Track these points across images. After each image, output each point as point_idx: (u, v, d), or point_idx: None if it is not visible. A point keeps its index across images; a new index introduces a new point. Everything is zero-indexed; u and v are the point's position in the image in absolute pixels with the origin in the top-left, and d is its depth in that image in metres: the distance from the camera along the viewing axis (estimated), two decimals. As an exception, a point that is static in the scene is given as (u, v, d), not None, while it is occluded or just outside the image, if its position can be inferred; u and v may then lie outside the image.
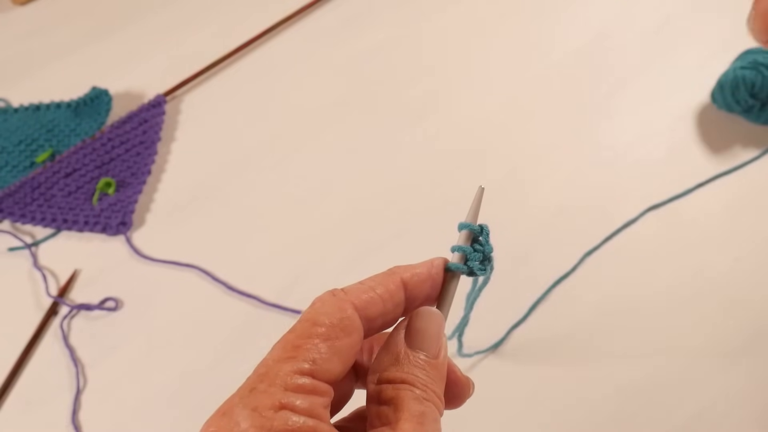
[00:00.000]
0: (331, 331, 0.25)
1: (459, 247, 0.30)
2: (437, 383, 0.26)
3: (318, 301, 0.26)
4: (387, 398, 0.25)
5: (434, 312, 0.28)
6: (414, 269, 0.28)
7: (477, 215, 0.31)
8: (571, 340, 0.54)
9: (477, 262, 0.30)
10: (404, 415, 0.24)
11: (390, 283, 0.27)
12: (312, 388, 0.23)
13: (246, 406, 0.23)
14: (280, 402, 0.23)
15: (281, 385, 0.23)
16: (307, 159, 0.70)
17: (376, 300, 0.27)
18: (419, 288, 0.28)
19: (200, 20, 0.85)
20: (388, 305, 0.27)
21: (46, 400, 0.57)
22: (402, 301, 0.28)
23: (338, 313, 0.25)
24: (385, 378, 0.26)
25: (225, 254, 0.64)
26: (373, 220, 0.64)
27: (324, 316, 0.25)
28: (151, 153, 0.72)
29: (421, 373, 0.26)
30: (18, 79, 0.82)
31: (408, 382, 0.25)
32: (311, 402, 0.23)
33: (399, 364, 0.26)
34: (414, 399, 0.25)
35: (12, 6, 0.91)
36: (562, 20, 0.79)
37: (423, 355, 0.26)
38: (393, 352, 0.26)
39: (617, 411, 0.51)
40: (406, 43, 0.79)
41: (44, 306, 0.62)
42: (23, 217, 0.68)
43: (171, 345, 0.59)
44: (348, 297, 0.26)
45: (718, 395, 0.50)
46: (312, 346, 0.24)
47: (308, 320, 0.25)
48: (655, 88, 0.70)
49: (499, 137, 0.68)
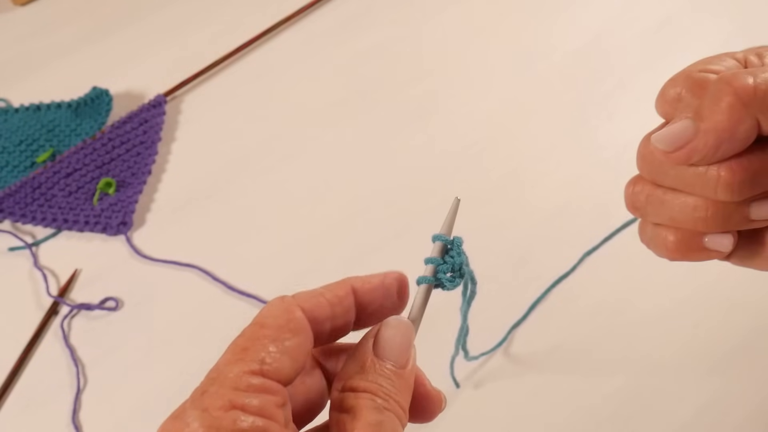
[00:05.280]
0: (279, 332, 0.25)
1: (429, 259, 0.31)
2: (402, 394, 0.26)
3: (266, 307, 0.26)
4: (347, 406, 0.25)
5: (403, 322, 0.28)
6: (367, 278, 0.29)
7: (452, 227, 0.32)
8: (571, 340, 0.54)
9: (447, 274, 0.30)
10: (360, 423, 0.24)
11: (339, 289, 0.28)
12: (263, 387, 0.24)
13: (196, 408, 0.23)
14: (230, 402, 0.23)
15: (231, 386, 0.23)
16: (307, 159, 0.70)
17: (324, 303, 0.27)
18: (370, 295, 0.28)
19: (200, 20, 0.85)
20: (336, 309, 0.27)
21: (46, 400, 0.57)
22: (351, 306, 0.28)
23: (285, 314, 0.26)
24: (349, 386, 0.26)
25: (225, 254, 0.64)
26: (372, 220, 0.64)
27: (271, 319, 0.26)
28: (151, 153, 0.72)
29: (385, 383, 0.26)
30: (18, 79, 0.82)
31: (370, 391, 0.25)
32: (262, 401, 0.23)
33: (364, 372, 0.26)
34: (373, 408, 0.25)
35: (12, 6, 0.91)
36: (561, 20, 0.79)
37: (390, 365, 0.26)
38: (360, 360, 0.27)
39: (617, 411, 0.51)
40: (406, 43, 0.79)
41: (44, 306, 0.62)
42: (24, 217, 0.68)
43: (171, 345, 0.59)
44: (295, 300, 0.27)
45: (719, 395, 0.50)
46: (260, 346, 0.24)
47: (256, 323, 0.26)
48: (655, 88, 0.69)
49: (499, 137, 0.68)
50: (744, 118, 0.27)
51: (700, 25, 0.74)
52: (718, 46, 0.70)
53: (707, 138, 0.28)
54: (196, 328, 0.60)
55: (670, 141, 0.29)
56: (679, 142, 0.28)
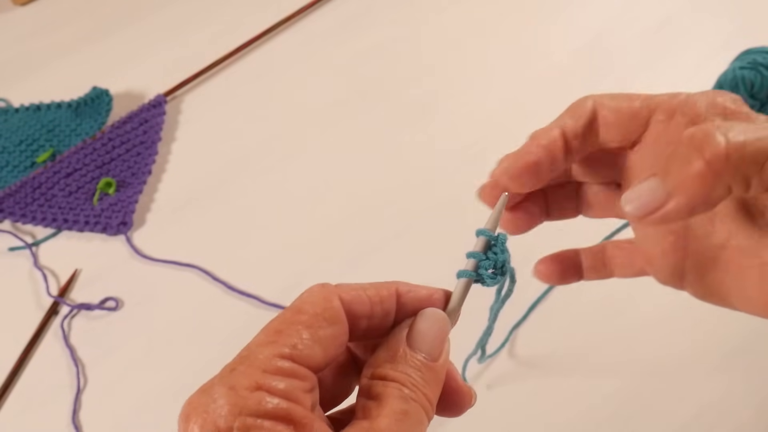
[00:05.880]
0: (314, 319, 0.25)
1: (471, 254, 0.30)
2: (431, 387, 0.26)
3: (306, 292, 0.26)
4: (375, 394, 0.25)
5: (440, 315, 0.28)
6: (415, 287, 0.28)
7: (497, 222, 0.31)
8: (571, 340, 0.54)
9: (488, 271, 0.30)
10: (385, 411, 0.24)
11: (383, 289, 0.28)
12: (291, 372, 0.24)
13: (224, 385, 0.23)
14: (257, 383, 0.23)
15: (260, 367, 0.23)
16: (307, 159, 0.70)
17: (364, 299, 0.27)
18: (413, 305, 0.28)
19: (200, 20, 0.85)
20: (376, 308, 0.27)
21: (46, 400, 0.57)
22: (392, 309, 0.28)
23: (323, 303, 0.26)
24: (378, 374, 0.26)
25: (225, 254, 0.64)
26: (373, 220, 0.64)
27: (309, 305, 0.26)
28: (151, 153, 0.72)
29: (414, 374, 0.26)
30: (18, 79, 0.82)
31: (398, 381, 0.25)
32: (289, 385, 0.23)
33: (394, 362, 0.26)
34: (400, 397, 0.25)
35: (12, 6, 0.91)
36: (561, 20, 0.79)
37: (421, 356, 0.26)
38: (392, 350, 0.27)
39: (617, 411, 0.51)
40: (406, 43, 0.79)
41: (45, 306, 0.62)
42: (24, 216, 0.68)
43: (171, 345, 0.59)
44: (336, 290, 0.26)
45: (719, 395, 0.50)
46: (294, 332, 0.25)
47: (293, 308, 0.26)
48: (655, 88, 0.69)
49: (499, 137, 0.68)
50: (717, 186, 0.25)
51: (700, 25, 0.75)
52: (718, 46, 0.71)
53: (679, 206, 0.26)
54: (196, 328, 0.60)
55: (641, 206, 0.27)
56: (650, 207, 0.27)
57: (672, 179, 0.26)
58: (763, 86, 0.62)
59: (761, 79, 0.62)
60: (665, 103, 0.31)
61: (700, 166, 0.25)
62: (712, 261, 0.31)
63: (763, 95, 0.63)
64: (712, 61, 0.68)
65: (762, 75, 0.62)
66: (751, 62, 0.63)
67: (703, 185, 0.25)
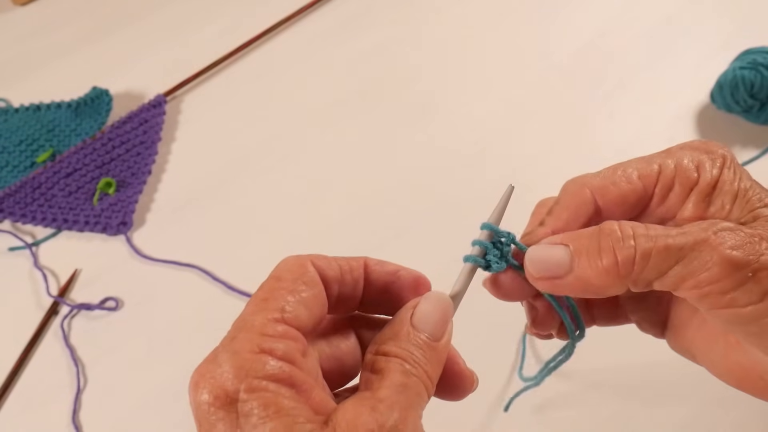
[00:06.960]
0: (295, 284, 0.27)
1: (479, 241, 0.31)
2: (432, 366, 0.27)
3: (282, 262, 0.28)
4: (378, 368, 0.26)
5: (444, 297, 0.29)
6: (383, 261, 0.31)
7: (502, 215, 0.31)
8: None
9: (496, 257, 0.30)
10: (386, 383, 0.26)
11: (352, 260, 0.30)
12: (286, 334, 0.25)
13: (227, 351, 0.25)
14: (258, 346, 0.24)
15: (259, 331, 0.25)
16: (307, 159, 0.70)
17: (335, 266, 0.29)
18: (380, 277, 0.30)
19: (200, 20, 0.85)
20: (346, 276, 0.29)
21: (46, 400, 0.57)
22: (360, 278, 0.29)
23: (299, 269, 0.28)
24: (382, 350, 0.27)
25: (225, 254, 0.64)
26: (373, 219, 0.64)
27: (287, 272, 0.27)
28: (151, 153, 0.72)
29: (416, 351, 0.27)
30: (18, 79, 0.82)
31: (400, 356, 0.27)
32: (287, 346, 0.25)
33: (398, 339, 0.27)
34: (401, 371, 0.26)
35: (12, 6, 0.91)
36: (561, 20, 0.79)
37: (424, 336, 0.28)
38: (396, 328, 0.28)
39: (618, 411, 0.51)
40: (405, 43, 0.79)
41: (45, 306, 0.62)
42: (24, 216, 0.68)
43: (171, 345, 0.59)
44: (308, 257, 0.28)
45: (719, 395, 0.50)
46: (279, 296, 0.26)
47: (273, 277, 0.27)
48: (655, 88, 0.70)
49: (500, 137, 0.68)
50: (617, 285, 0.28)
51: (700, 25, 0.75)
52: (718, 46, 0.71)
53: (575, 286, 0.28)
54: (196, 328, 0.60)
55: (542, 268, 0.29)
56: (549, 273, 0.29)
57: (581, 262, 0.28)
58: (763, 86, 0.62)
59: (761, 79, 0.62)
60: (665, 176, 0.30)
61: (607, 262, 0.27)
62: (687, 320, 0.32)
63: (762, 95, 0.63)
64: (712, 61, 0.68)
65: (762, 75, 0.62)
66: (751, 62, 0.63)
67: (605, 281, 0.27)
